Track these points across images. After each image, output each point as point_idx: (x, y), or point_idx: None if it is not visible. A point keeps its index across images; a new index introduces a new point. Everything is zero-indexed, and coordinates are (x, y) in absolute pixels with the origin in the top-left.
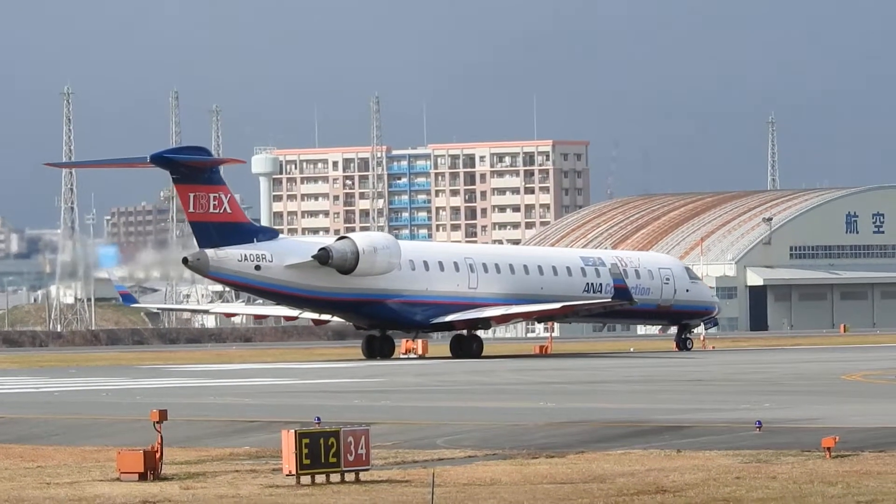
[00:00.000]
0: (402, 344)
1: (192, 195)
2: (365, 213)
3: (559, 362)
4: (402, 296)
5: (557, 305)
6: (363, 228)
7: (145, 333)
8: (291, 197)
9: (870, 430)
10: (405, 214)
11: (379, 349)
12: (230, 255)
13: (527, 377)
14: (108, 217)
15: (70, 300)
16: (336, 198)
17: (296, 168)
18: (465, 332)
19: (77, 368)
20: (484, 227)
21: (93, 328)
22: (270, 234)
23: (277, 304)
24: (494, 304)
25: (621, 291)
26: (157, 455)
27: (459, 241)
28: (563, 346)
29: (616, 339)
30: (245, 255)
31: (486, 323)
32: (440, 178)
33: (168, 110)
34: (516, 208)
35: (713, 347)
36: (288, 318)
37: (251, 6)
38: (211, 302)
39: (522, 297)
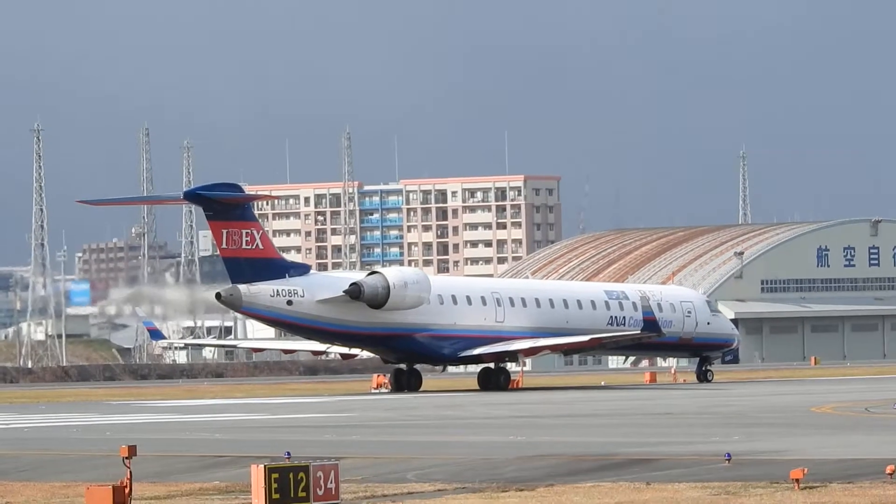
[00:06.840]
0: (373, 379)
1: (224, 231)
2: (337, 249)
3: (530, 396)
4: (430, 329)
5: (586, 338)
6: (335, 265)
7: (116, 370)
8: None
9: (839, 462)
10: (377, 250)
11: (407, 382)
12: (262, 291)
13: (497, 411)
14: (80, 254)
15: (41, 336)
16: (308, 234)
17: (267, 204)
18: (492, 365)
19: (47, 404)
20: (456, 263)
21: (64, 364)
22: (302, 269)
23: (308, 338)
24: (521, 338)
25: (650, 324)
26: (127, 491)
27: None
28: (534, 379)
29: (587, 373)
30: (277, 291)
31: (513, 356)
32: (412, 213)
33: (139, 147)
34: (488, 243)
35: (684, 381)
36: (316, 353)
37: (220, 39)
38: (182, 338)
39: (548, 330)
